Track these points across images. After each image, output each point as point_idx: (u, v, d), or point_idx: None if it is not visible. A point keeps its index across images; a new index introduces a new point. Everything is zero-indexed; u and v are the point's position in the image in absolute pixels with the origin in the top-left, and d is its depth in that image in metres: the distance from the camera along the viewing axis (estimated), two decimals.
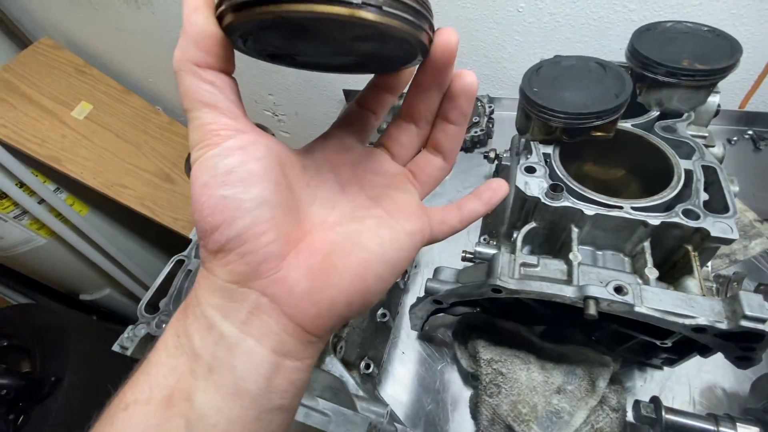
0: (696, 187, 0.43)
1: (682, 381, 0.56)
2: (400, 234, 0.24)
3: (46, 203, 1.25)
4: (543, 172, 0.46)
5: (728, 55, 0.48)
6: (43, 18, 1.25)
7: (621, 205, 0.42)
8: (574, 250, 0.43)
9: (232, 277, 0.20)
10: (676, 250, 0.43)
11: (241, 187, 0.19)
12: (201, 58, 0.19)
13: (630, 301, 0.37)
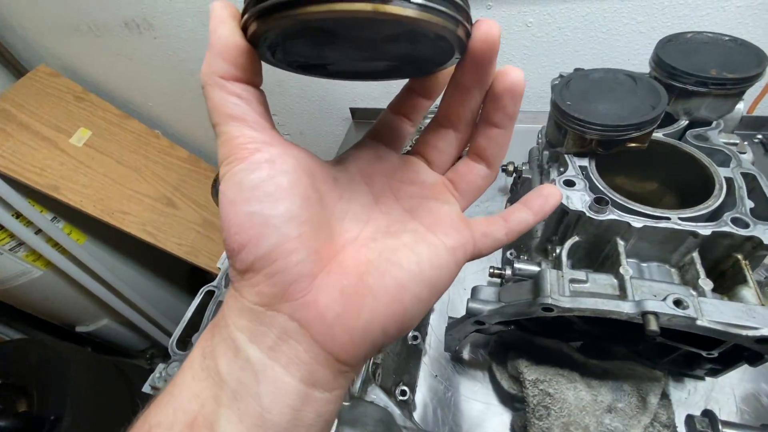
0: (740, 195, 0.43)
1: (726, 391, 0.55)
2: (439, 250, 0.22)
3: (43, 233, 1.21)
4: (583, 185, 0.46)
5: (755, 64, 0.48)
6: (40, 46, 1.23)
7: (668, 216, 0.42)
8: (624, 264, 0.42)
9: (260, 299, 0.19)
10: (724, 259, 0.43)
11: (268, 203, 0.18)
12: (226, 70, 0.18)
13: (692, 315, 0.36)
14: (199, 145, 1.46)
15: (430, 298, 0.22)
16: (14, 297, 1.36)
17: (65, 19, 1.12)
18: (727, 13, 0.71)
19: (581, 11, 0.77)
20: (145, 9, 1.03)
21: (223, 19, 0.18)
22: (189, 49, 1.11)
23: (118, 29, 1.10)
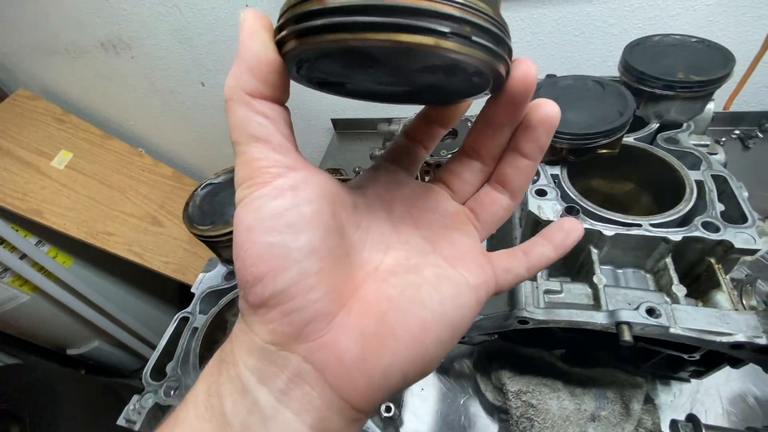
0: (710, 198, 0.43)
1: (711, 393, 0.55)
2: (462, 288, 0.21)
3: (28, 258, 1.19)
4: (555, 194, 0.46)
5: (722, 65, 0.48)
6: (18, 69, 1.23)
7: (639, 222, 0.42)
8: (598, 273, 0.42)
9: (273, 337, 0.17)
10: (698, 263, 0.42)
11: (289, 234, 0.17)
12: (255, 87, 0.17)
13: (665, 323, 0.36)
14: (183, 161, 1.45)
15: (451, 340, 0.20)
16: (3, 322, 1.35)
17: (42, 42, 1.12)
18: (697, 12, 0.72)
19: (553, 15, 0.77)
20: (120, 29, 1.02)
21: (256, 31, 0.17)
22: (167, 67, 1.10)
23: (94, 50, 1.09)
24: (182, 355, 0.44)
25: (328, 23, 0.14)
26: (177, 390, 0.42)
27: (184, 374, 0.43)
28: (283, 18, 0.16)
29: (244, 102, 0.17)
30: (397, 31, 0.14)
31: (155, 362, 0.45)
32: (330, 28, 0.15)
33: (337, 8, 0.14)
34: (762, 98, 0.83)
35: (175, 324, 0.48)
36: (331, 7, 0.14)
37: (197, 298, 0.49)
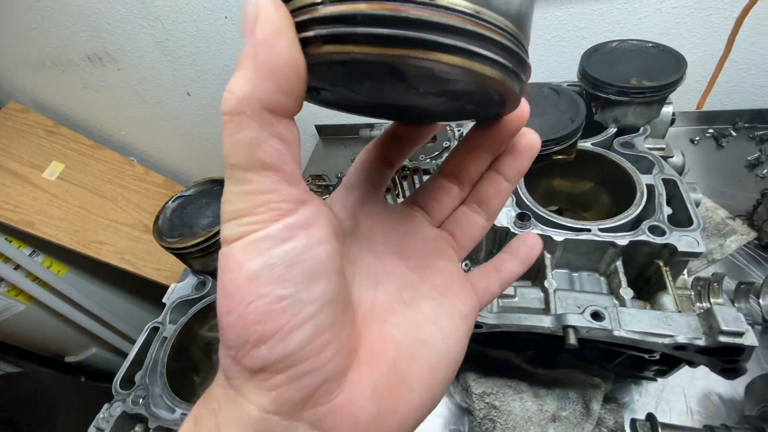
0: (659, 202, 0.44)
1: (677, 391, 0.55)
2: (456, 320, 0.20)
3: (23, 268, 1.21)
4: (510, 200, 0.47)
5: (674, 70, 0.49)
6: (8, 83, 1.25)
7: (588, 227, 0.43)
8: (549, 277, 0.43)
9: (277, 406, 0.14)
10: (648, 265, 0.43)
11: (303, 284, 0.15)
12: (278, 99, 0.14)
13: (608, 327, 0.37)
14: (174, 169, 1.47)
15: (452, 376, 0.20)
16: (1, 332, 1.37)
17: (29, 56, 1.14)
18: (664, 14, 0.73)
19: None
20: (105, 42, 1.04)
21: (282, 28, 0.13)
22: (153, 79, 1.12)
23: (81, 63, 1.11)
24: (151, 364, 0.46)
25: (374, 34, 0.13)
26: (144, 399, 0.43)
27: (151, 383, 0.45)
28: (306, 14, 0.13)
29: (260, 120, 0.14)
30: (437, 51, 0.13)
31: (125, 372, 0.46)
32: (371, 39, 0.13)
33: (388, 18, 0.12)
34: (735, 97, 0.83)
35: (146, 334, 0.49)
36: (380, 16, 0.12)
37: (168, 308, 0.51)
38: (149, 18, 0.95)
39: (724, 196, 0.74)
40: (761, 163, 0.76)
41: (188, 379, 0.51)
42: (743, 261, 0.66)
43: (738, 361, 0.38)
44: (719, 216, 0.70)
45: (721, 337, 0.35)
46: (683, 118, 0.84)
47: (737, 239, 0.67)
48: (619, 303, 0.41)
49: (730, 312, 0.35)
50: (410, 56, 0.13)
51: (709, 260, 0.67)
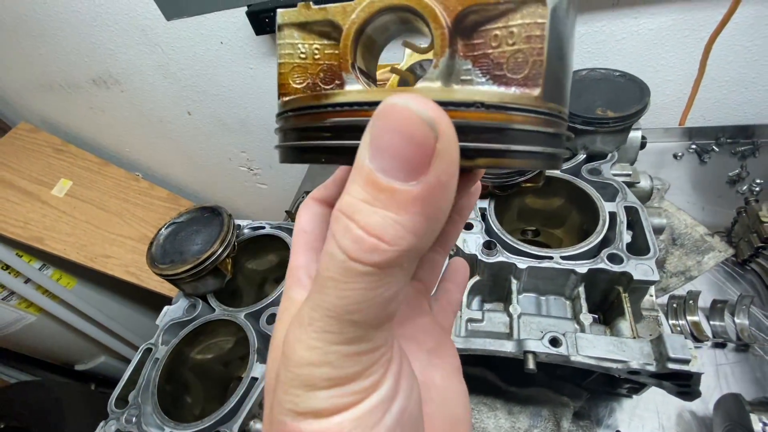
0: (620, 230, 0.46)
1: (650, 408, 0.57)
2: (458, 376, 0.20)
3: (33, 282, 1.26)
4: (480, 227, 0.49)
5: (638, 100, 0.51)
6: (19, 104, 1.31)
7: (551, 255, 0.45)
8: (514, 303, 0.45)
9: None
10: (610, 290, 0.45)
11: None
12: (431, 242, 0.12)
13: (564, 353, 0.39)
14: (177, 183, 1.52)
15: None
16: (13, 342, 1.42)
17: (38, 80, 1.19)
18: (641, 35, 0.74)
19: None
20: (109, 66, 1.09)
21: (451, 139, 0.11)
22: (155, 99, 1.17)
23: (87, 86, 1.16)
24: (143, 384, 0.49)
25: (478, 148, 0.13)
26: (137, 417, 0.47)
27: (144, 402, 0.48)
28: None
29: (411, 269, 0.12)
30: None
31: (120, 391, 0.50)
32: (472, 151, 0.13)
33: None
34: (718, 113, 0.84)
35: (139, 355, 0.52)
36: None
37: (161, 330, 0.54)
38: (150, 44, 1.00)
39: (705, 212, 0.75)
40: (742, 179, 0.77)
41: (179, 399, 0.54)
42: (720, 278, 0.67)
43: (690, 385, 0.39)
44: (698, 233, 0.72)
45: (669, 364, 0.37)
46: (666, 133, 0.85)
47: (715, 256, 0.69)
48: (580, 328, 0.43)
49: (678, 339, 0.37)
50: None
51: (687, 277, 0.68)
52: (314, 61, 0.16)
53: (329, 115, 0.14)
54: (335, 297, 0.11)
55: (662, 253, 0.67)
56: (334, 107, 0.14)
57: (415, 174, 0.10)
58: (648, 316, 0.50)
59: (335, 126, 0.14)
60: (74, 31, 1.01)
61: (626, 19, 0.73)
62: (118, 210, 1.36)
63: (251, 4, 0.83)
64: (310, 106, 0.15)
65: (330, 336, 0.12)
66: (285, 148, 0.16)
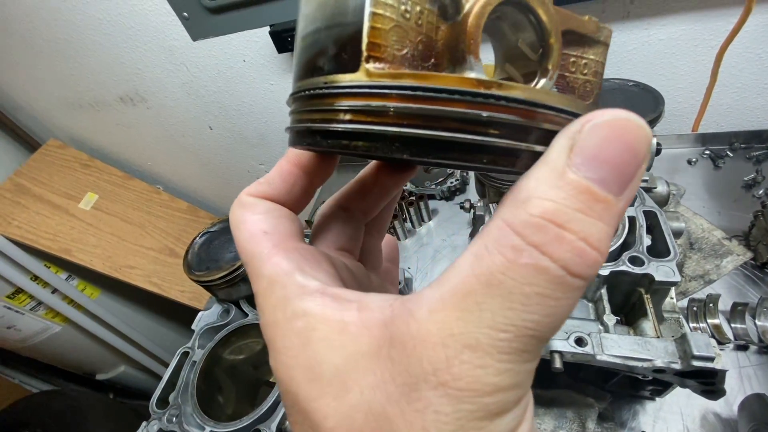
0: (639, 234, 0.47)
1: (674, 410, 0.58)
2: None
3: (59, 292, 1.31)
4: None
5: (653, 108, 0.53)
6: (49, 122, 1.37)
7: None
8: None
9: None
10: (631, 292, 0.47)
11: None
12: None
13: (590, 352, 0.41)
14: (197, 195, 1.56)
15: None
16: (38, 352, 1.46)
17: (68, 98, 1.25)
18: (652, 46, 0.77)
19: None
20: (136, 85, 1.14)
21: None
22: (178, 115, 1.22)
23: (114, 103, 1.22)
24: (182, 386, 0.52)
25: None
26: (177, 417, 0.49)
27: (183, 403, 0.50)
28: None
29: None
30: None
31: (160, 392, 0.52)
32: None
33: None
34: (731, 119, 0.86)
35: (177, 358, 0.55)
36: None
37: (196, 335, 0.56)
38: (176, 63, 1.05)
39: (721, 216, 0.76)
40: (757, 183, 0.78)
41: (214, 399, 0.56)
42: (740, 281, 0.68)
43: (715, 383, 0.41)
44: (715, 237, 0.73)
45: (694, 362, 0.38)
46: (680, 140, 0.86)
47: (733, 260, 0.69)
48: (604, 329, 0.45)
49: (702, 338, 0.39)
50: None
51: (706, 281, 0.69)
52: (416, 27, 0.12)
53: (485, 107, 0.12)
54: (542, 315, 0.11)
55: (680, 257, 0.68)
56: (498, 99, 0.12)
57: (624, 188, 0.11)
58: (670, 318, 0.51)
59: (493, 121, 0.12)
60: (105, 53, 1.06)
61: (637, 30, 0.76)
62: (140, 222, 1.40)
63: (274, 24, 0.88)
64: (450, 91, 0.11)
65: (525, 355, 0.11)
66: (414, 141, 0.12)
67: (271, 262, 0.15)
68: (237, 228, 0.17)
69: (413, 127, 0.12)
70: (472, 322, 0.11)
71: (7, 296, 1.24)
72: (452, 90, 0.11)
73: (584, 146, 0.11)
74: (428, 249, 0.88)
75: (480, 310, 0.11)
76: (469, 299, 0.11)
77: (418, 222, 0.90)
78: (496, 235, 0.11)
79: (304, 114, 0.14)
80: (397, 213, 0.87)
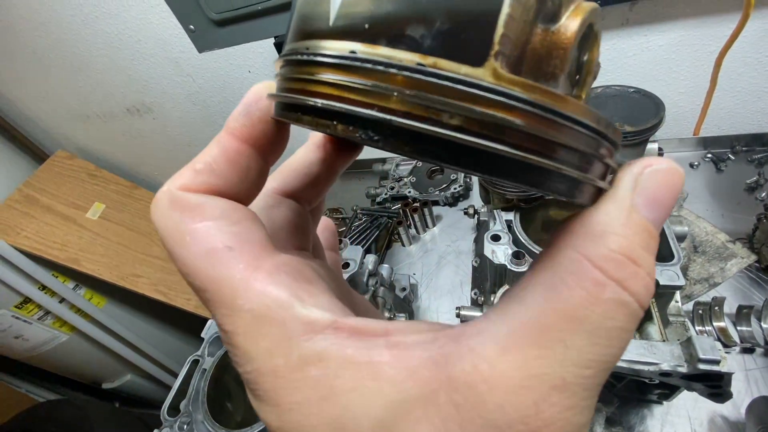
0: None
1: (681, 414, 0.58)
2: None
3: (67, 301, 1.32)
4: (507, 239, 0.52)
5: (653, 114, 0.54)
6: (57, 133, 1.39)
7: None
8: None
9: None
10: None
11: None
12: None
13: None
14: None
15: None
16: (45, 361, 1.47)
17: (76, 110, 1.27)
18: (651, 52, 0.78)
19: None
20: (142, 96, 1.16)
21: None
22: (184, 125, 1.24)
23: (121, 114, 1.24)
24: (193, 394, 0.52)
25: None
26: (188, 425, 0.49)
27: (194, 411, 0.51)
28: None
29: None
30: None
31: (171, 400, 0.53)
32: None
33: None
34: (732, 122, 0.86)
35: (187, 366, 0.56)
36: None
37: (206, 342, 0.57)
38: (182, 75, 1.07)
39: (725, 219, 0.76)
40: (760, 186, 0.78)
41: (223, 406, 0.57)
42: (744, 284, 0.68)
43: (721, 386, 0.41)
44: (719, 240, 0.73)
45: (699, 365, 0.39)
46: (681, 143, 0.87)
47: (738, 263, 0.70)
48: None
49: (707, 341, 0.39)
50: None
51: (710, 284, 0.69)
52: (529, 30, 0.10)
53: (596, 145, 0.11)
54: (619, 348, 0.11)
55: (684, 260, 0.68)
56: (603, 138, 0.11)
57: (661, 226, 0.12)
58: (675, 322, 0.52)
59: (592, 156, 0.11)
60: (113, 65, 1.09)
61: (636, 36, 0.77)
62: (147, 230, 1.42)
63: (278, 35, 0.89)
64: (579, 122, 0.10)
65: (598, 388, 0.11)
66: (530, 168, 0.10)
67: (254, 291, 0.12)
68: (179, 244, 0.12)
69: (532, 153, 0.10)
70: (556, 360, 0.10)
71: (15, 306, 1.25)
72: (581, 122, 0.10)
73: (646, 188, 0.11)
74: (433, 255, 0.88)
75: (565, 347, 0.10)
76: (550, 335, 0.10)
77: (422, 228, 0.91)
78: (574, 269, 0.11)
79: (373, 97, 0.10)
80: (401, 219, 0.87)
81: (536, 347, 0.10)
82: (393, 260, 0.88)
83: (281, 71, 0.12)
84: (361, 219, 0.95)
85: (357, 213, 0.97)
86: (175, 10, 0.92)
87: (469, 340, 0.11)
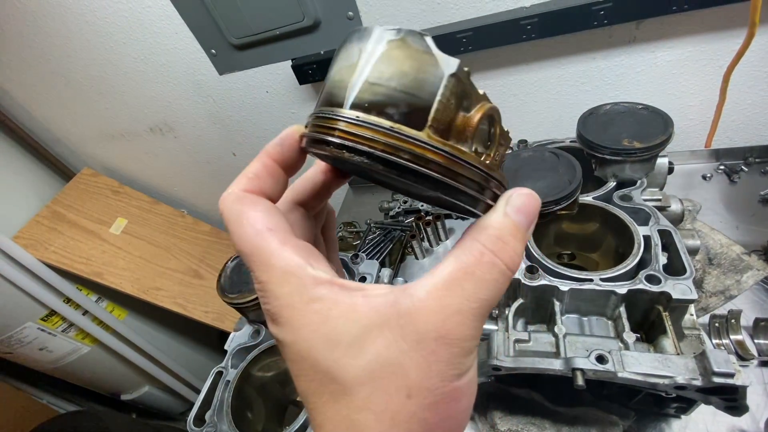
0: (655, 252, 0.49)
1: (700, 428, 0.57)
2: None
3: (90, 314, 1.36)
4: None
5: (662, 130, 0.55)
6: (83, 152, 1.45)
7: (591, 278, 0.48)
8: (558, 324, 0.48)
9: None
10: (650, 310, 0.48)
11: None
12: None
13: (612, 369, 0.42)
14: (219, 218, 1.62)
15: None
16: (67, 373, 1.51)
17: (101, 130, 1.33)
18: (659, 67, 0.79)
19: (530, 79, 0.86)
20: (165, 116, 1.21)
21: None
22: (204, 143, 1.28)
23: (144, 134, 1.29)
24: (218, 404, 0.54)
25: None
26: None
27: (219, 421, 0.53)
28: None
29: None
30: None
31: (197, 411, 0.55)
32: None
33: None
34: (744, 134, 0.87)
35: (211, 378, 0.58)
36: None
37: (229, 355, 0.59)
38: (203, 95, 1.12)
39: (739, 231, 0.76)
40: None
41: (244, 416, 0.59)
42: (761, 296, 0.68)
43: (737, 399, 0.41)
44: (734, 252, 0.73)
45: (714, 378, 0.39)
46: (693, 156, 0.88)
47: (754, 275, 0.69)
48: (624, 346, 0.46)
49: (721, 354, 0.40)
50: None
51: (726, 296, 0.69)
52: (450, 114, 0.18)
53: (483, 177, 0.19)
54: (495, 293, 0.18)
55: (699, 273, 0.68)
56: (486, 173, 0.19)
57: (528, 227, 0.20)
58: (690, 335, 0.52)
59: (477, 182, 0.19)
60: (138, 87, 1.14)
61: (644, 53, 0.78)
62: (167, 245, 1.46)
63: (296, 57, 0.93)
64: (466, 162, 0.18)
65: (483, 318, 0.18)
66: (440, 184, 0.18)
67: (282, 256, 0.18)
68: (238, 223, 0.19)
69: (445, 176, 0.18)
70: (457, 297, 0.17)
71: (41, 318, 1.30)
72: (468, 162, 0.18)
73: (513, 203, 0.19)
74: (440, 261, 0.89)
75: (462, 289, 0.17)
76: (455, 283, 0.17)
77: (435, 241, 0.93)
78: (469, 245, 0.18)
79: (366, 140, 0.18)
80: (414, 233, 0.89)
81: (446, 289, 0.17)
82: (407, 273, 0.90)
83: (312, 120, 0.19)
84: (374, 233, 0.97)
85: (371, 227, 0.99)
86: (198, 35, 0.96)
87: (410, 289, 0.18)
